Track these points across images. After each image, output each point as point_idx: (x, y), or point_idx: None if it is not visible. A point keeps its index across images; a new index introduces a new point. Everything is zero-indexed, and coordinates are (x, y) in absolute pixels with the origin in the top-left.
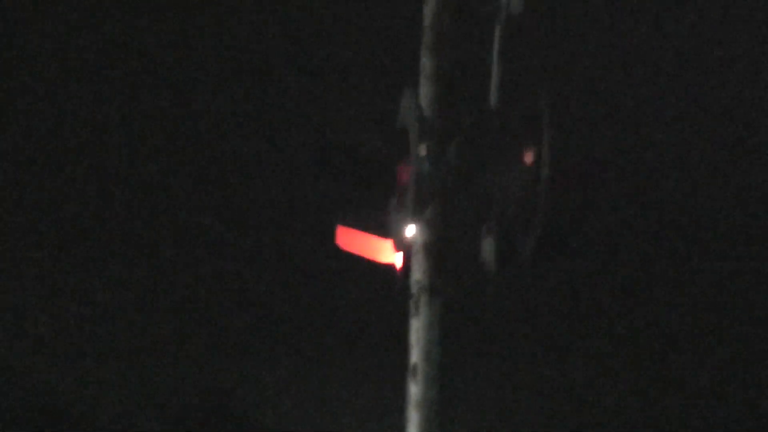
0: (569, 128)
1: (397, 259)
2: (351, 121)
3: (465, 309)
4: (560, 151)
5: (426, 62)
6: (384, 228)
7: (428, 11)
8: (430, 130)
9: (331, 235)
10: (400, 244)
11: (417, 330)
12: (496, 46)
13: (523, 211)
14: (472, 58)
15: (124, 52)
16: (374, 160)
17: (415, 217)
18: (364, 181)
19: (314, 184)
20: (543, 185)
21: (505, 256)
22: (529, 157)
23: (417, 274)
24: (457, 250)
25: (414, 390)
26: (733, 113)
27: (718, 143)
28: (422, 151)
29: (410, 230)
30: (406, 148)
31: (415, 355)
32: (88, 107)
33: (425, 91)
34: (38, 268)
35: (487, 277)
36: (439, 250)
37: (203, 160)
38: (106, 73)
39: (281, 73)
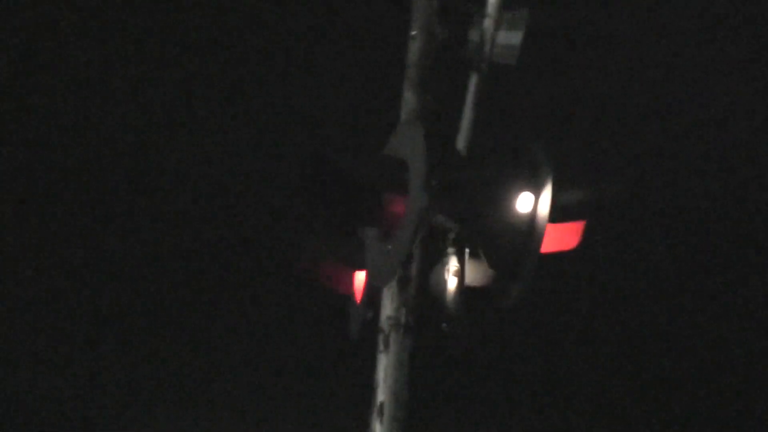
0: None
1: (357, 291)
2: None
3: (437, 349)
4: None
5: (410, 98)
6: (351, 258)
7: (414, 47)
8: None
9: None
10: (381, 277)
11: (385, 368)
12: (470, 95)
13: (512, 260)
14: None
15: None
16: (362, 186)
17: (407, 251)
18: (347, 207)
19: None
20: (537, 236)
21: (487, 301)
22: (524, 205)
23: (388, 310)
24: (436, 288)
25: (379, 430)
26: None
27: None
28: (426, 187)
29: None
30: (397, 179)
31: (382, 394)
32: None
33: None
34: None
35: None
36: (416, 286)
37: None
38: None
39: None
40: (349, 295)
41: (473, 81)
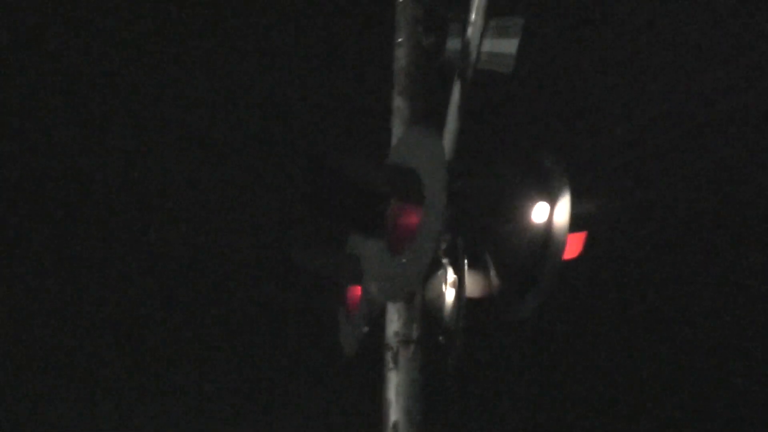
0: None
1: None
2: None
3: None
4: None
5: (401, 105)
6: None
7: (400, 54)
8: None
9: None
10: (395, 293)
11: (397, 385)
12: (453, 103)
13: (528, 270)
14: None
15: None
16: (371, 195)
17: (426, 264)
18: (352, 216)
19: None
20: (554, 248)
21: (494, 312)
22: (537, 216)
23: (395, 325)
24: (432, 299)
25: None
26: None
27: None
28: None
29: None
30: (410, 189)
31: (395, 413)
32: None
33: (400, 132)
34: None
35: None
36: (423, 300)
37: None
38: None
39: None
40: (344, 307)
41: (456, 88)
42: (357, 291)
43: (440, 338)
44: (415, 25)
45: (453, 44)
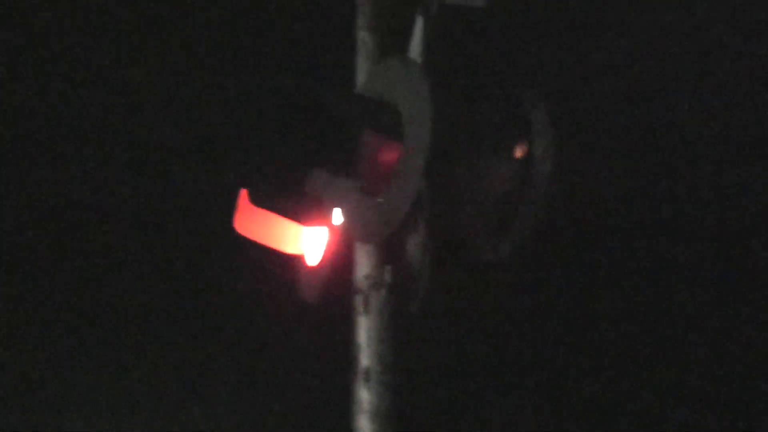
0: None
1: (310, 251)
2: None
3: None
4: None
5: (366, 38)
6: (300, 212)
7: None
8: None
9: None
10: (372, 234)
11: (368, 330)
12: (415, 40)
13: (504, 209)
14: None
15: None
16: (347, 128)
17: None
18: (326, 150)
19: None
20: (535, 183)
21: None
22: (519, 151)
23: (365, 268)
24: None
25: (366, 397)
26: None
27: (726, 141)
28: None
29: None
30: (389, 124)
31: (366, 359)
32: None
33: (367, 67)
34: None
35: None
36: (398, 240)
37: None
38: None
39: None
40: (298, 256)
41: (419, 24)
42: (314, 235)
43: (404, 281)
44: None
45: None
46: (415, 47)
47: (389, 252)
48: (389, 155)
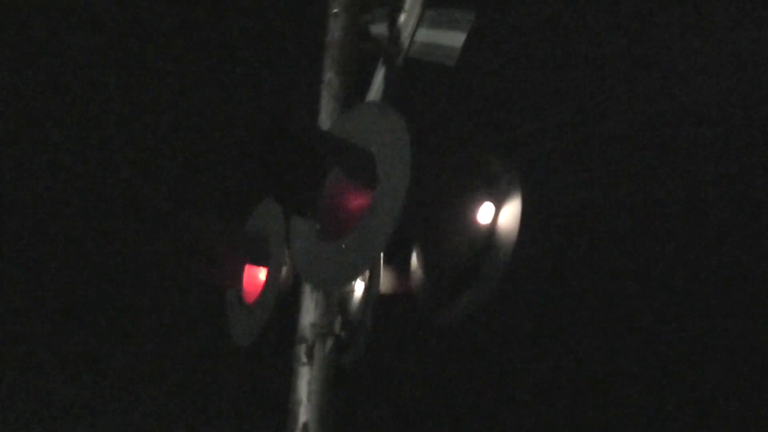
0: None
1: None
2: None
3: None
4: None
5: (333, 79)
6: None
7: (336, 26)
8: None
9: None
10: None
11: (309, 383)
12: (375, 88)
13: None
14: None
15: None
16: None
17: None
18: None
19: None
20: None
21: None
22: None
23: (312, 316)
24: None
25: None
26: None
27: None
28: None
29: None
30: (362, 169)
31: (306, 414)
32: None
33: (331, 107)
34: None
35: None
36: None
37: None
38: None
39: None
40: (236, 290)
41: (380, 74)
42: (256, 273)
43: (341, 332)
44: None
45: (378, 29)
46: (375, 95)
47: (341, 300)
48: (354, 199)
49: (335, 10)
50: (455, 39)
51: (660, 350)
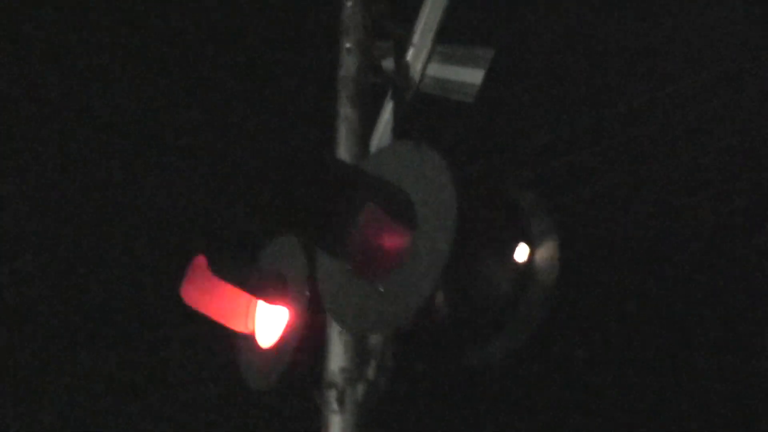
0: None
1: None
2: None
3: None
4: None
5: (349, 114)
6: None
7: (349, 61)
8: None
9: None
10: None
11: (341, 430)
12: (383, 122)
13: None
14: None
15: None
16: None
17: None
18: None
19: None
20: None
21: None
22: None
23: (340, 360)
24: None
25: None
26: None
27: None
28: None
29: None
30: (402, 209)
31: None
32: None
33: (349, 142)
34: None
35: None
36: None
37: None
38: None
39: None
40: (245, 334)
41: (388, 108)
42: (272, 313)
43: (375, 377)
44: (364, 31)
45: (387, 64)
46: (383, 130)
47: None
48: (391, 239)
49: (348, 45)
50: (474, 75)
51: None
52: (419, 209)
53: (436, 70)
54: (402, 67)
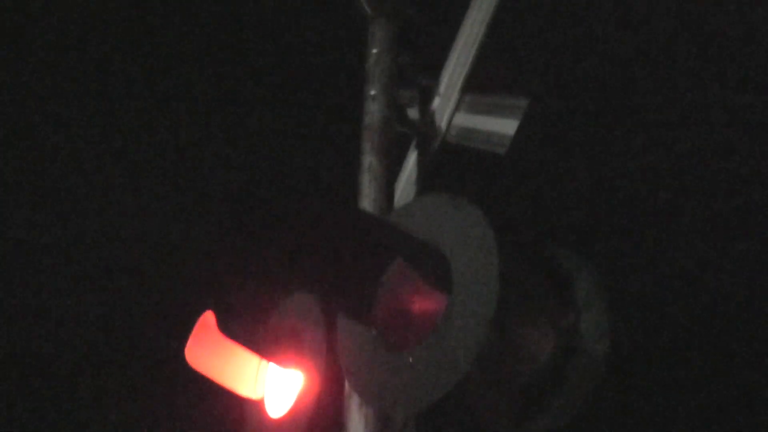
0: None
1: (273, 398)
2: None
3: None
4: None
5: (374, 163)
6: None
7: (374, 108)
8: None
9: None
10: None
11: None
12: (407, 172)
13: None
14: None
15: None
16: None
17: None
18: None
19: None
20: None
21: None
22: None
23: (367, 428)
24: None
25: None
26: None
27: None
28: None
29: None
30: (434, 270)
31: None
32: None
33: (374, 193)
34: None
35: None
36: None
37: None
38: None
39: None
40: (254, 401)
41: (412, 158)
42: (284, 379)
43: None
44: (389, 79)
45: (413, 113)
46: (406, 181)
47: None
48: (423, 304)
49: (372, 92)
50: (506, 126)
51: None
52: (455, 269)
53: (463, 119)
54: (427, 115)
